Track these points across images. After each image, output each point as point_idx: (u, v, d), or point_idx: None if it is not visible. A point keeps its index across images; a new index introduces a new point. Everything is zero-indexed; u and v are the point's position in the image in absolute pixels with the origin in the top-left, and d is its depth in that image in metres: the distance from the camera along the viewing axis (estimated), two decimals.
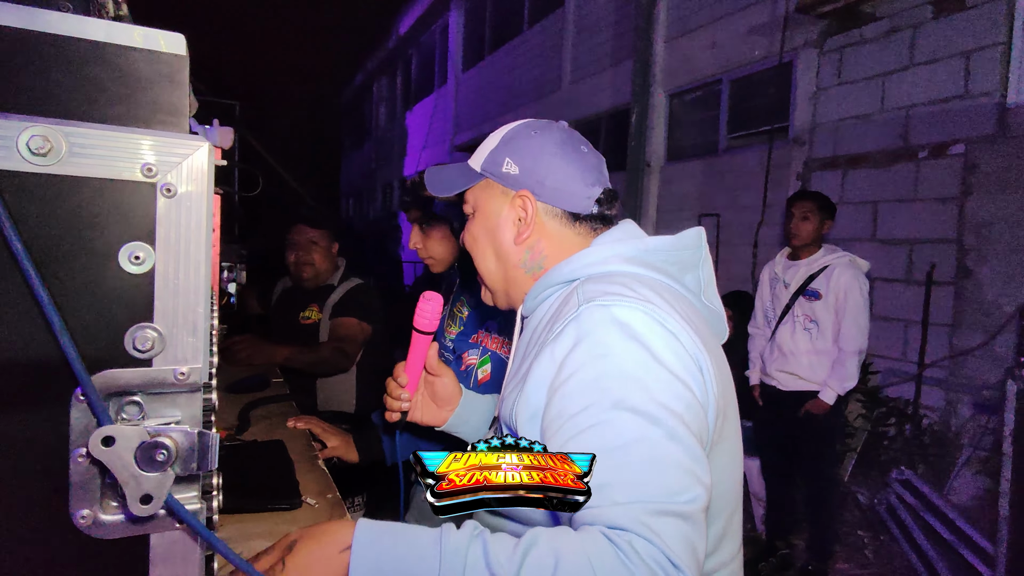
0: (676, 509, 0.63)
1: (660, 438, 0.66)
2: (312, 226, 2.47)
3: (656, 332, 0.74)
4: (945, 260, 3.68)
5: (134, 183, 0.49)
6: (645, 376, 0.70)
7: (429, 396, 1.09)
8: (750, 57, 5.10)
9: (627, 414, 0.67)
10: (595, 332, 0.74)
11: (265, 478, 1.15)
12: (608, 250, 0.88)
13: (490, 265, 0.98)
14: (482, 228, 0.97)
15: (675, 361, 0.73)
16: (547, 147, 0.94)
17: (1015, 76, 3.45)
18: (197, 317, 0.51)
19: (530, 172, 0.93)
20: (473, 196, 0.99)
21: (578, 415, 0.69)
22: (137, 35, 0.51)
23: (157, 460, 0.49)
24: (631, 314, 0.75)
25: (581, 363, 0.73)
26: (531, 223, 0.93)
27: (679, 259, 0.91)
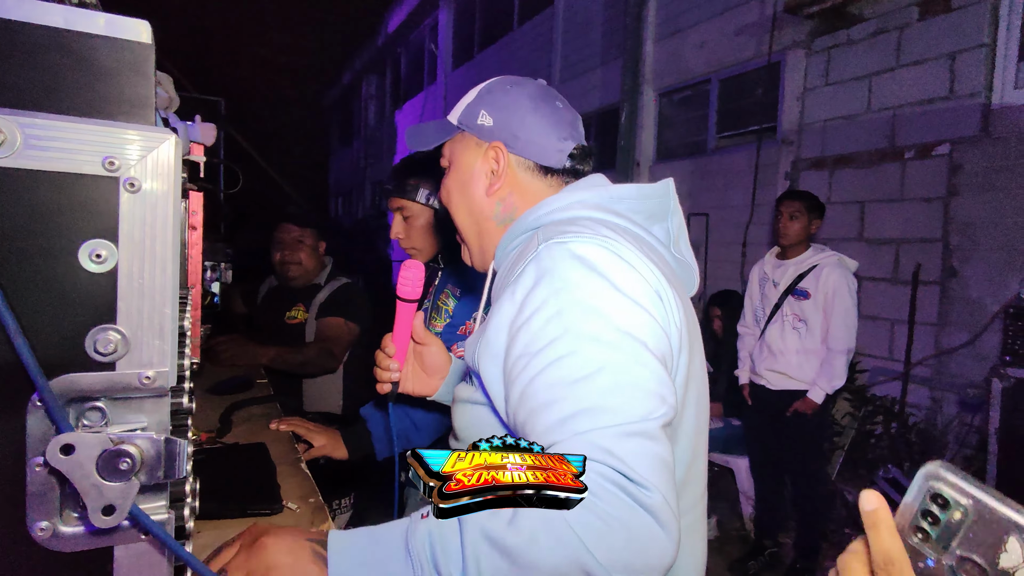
0: (639, 429, 0.63)
1: (623, 363, 0.67)
2: (299, 225, 2.44)
3: (614, 263, 0.75)
4: (931, 260, 3.70)
5: (95, 177, 0.46)
6: (605, 305, 0.71)
7: (418, 366, 1.10)
8: (739, 57, 5.11)
9: (589, 344, 0.68)
10: (554, 268, 0.74)
11: (245, 482, 1.12)
12: (572, 196, 0.89)
13: (464, 219, 0.98)
14: (456, 181, 0.98)
15: (634, 288, 0.74)
16: (521, 100, 0.95)
17: (999, 77, 3.47)
18: (164, 319, 0.49)
19: (504, 124, 0.94)
20: (449, 149, 1.00)
21: (542, 350, 0.70)
22: (99, 22, 0.49)
23: (120, 469, 0.46)
24: (588, 248, 0.75)
25: (542, 299, 0.73)
26: (502, 175, 0.94)
27: (646, 208, 0.91)
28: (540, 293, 0.73)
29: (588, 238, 0.76)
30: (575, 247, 0.75)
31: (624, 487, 0.60)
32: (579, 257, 0.74)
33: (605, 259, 0.75)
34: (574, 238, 0.77)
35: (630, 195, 0.90)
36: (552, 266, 0.74)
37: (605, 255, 0.75)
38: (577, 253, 0.75)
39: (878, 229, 4.02)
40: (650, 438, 0.63)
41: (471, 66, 10.30)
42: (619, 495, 0.59)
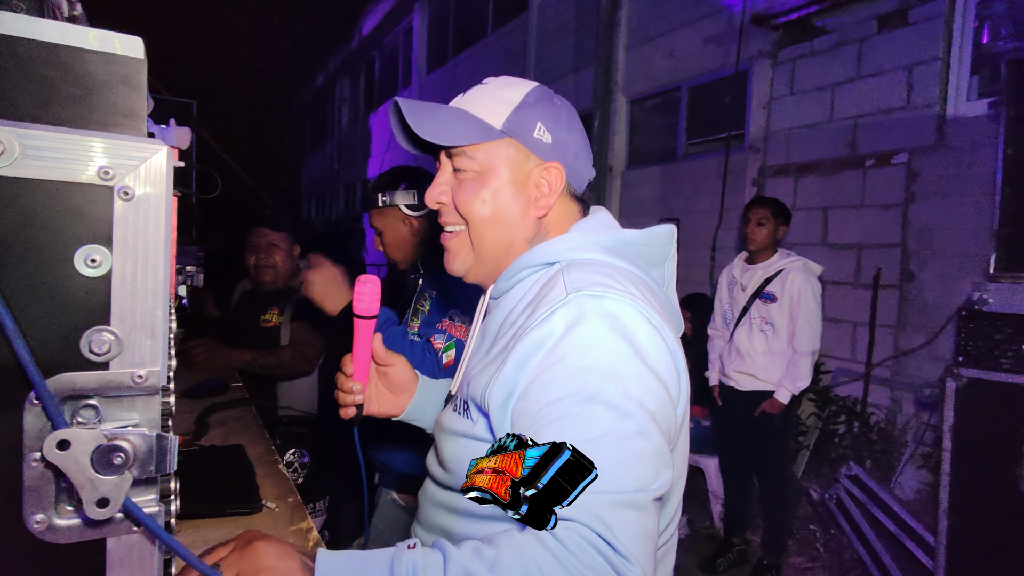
0: (632, 500, 0.66)
1: (629, 433, 0.68)
2: (273, 228, 2.44)
3: (642, 328, 0.75)
4: (890, 264, 3.85)
5: (90, 186, 0.49)
6: (625, 371, 0.72)
7: (384, 386, 1.06)
8: (707, 66, 5.23)
9: (601, 408, 0.69)
10: (585, 322, 0.74)
11: (224, 483, 1.13)
12: (587, 237, 0.88)
13: (495, 234, 0.91)
14: (495, 193, 0.89)
15: (656, 358, 0.75)
16: (574, 122, 0.93)
17: (952, 89, 3.64)
18: (155, 320, 0.51)
19: (562, 144, 0.91)
20: (486, 155, 0.90)
21: (554, 403, 0.71)
22: (93, 37, 0.51)
23: (114, 463, 0.49)
24: (621, 308, 0.75)
25: (566, 352, 0.73)
26: (553, 196, 0.90)
27: (649, 254, 0.92)
28: (566, 344, 0.74)
29: (620, 295, 0.77)
30: (607, 304, 0.75)
31: (607, 555, 0.62)
32: (611, 316, 0.75)
33: (635, 322, 0.75)
34: (608, 293, 0.76)
35: (640, 241, 0.91)
36: (582, 319, 0.74)
37: (635, 317, 0.75)
38: (610, 311, 0.75)
39: (840, 234, 4.16)
40: (641, 510, 0.66)
41: (445, 70, 10.33)
42: (600, 561, 0.62)
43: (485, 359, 0.87)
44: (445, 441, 0.90)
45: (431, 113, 0.90)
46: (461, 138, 0.88)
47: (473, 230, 0.92)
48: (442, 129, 0.88)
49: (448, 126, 0.88)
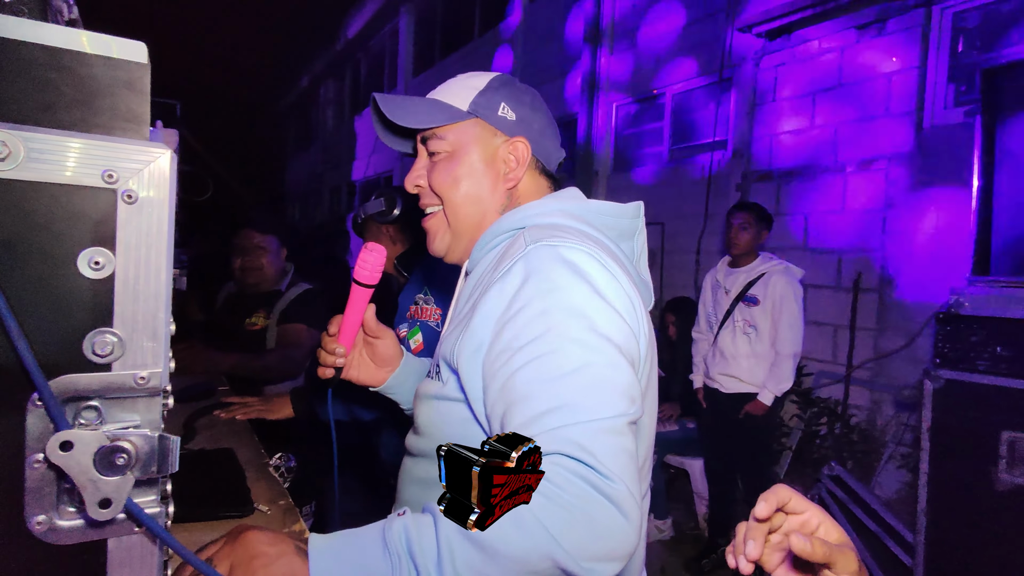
0: (610, 426, 0.68)
1: (600, 365, 0.72)
2: (260, 231, 2.43)
3: (598, 270, 0.80)
4: (870, 268, 3.92)
5: (94, 189, 0.49)
6: (587, 309, 0.76)
7: (369, 356, 1.07)
8: (692, 73, 5.30)
9: (570, 344, 0.72)
10: (543, 269, 0.78)
11: (215, 486, 1.13)
12: (554, 204, 0.93)
13: (469, 209, 0.96)
14: (467, 169, 0.95)
15: (613, 295, 0.79)
16: (537, 103, 1.00)
17: (930, 97, 3.72)
18: (158, 322, 0.52)
19: (527, 121, 0.97)
20: (456, 134, 0.96)
21: (525, 347, 0.73)
22: (96, 41, 0.51)
23: (117, 464, 0.49)
24: (576, 254, 0.80)
25: (529, 298, 0.77)
26: (520, 169, 0.96)
27: (618, 225, 0.96)
28: (528, 291, 0.77)
29: (576, 244, 0.81)
30: (564, 251, 0.80)
31: (590, 480, 0.64)
32: (567, 261, 0.79)
33: (591, 266, 0.79)
34: (562, 243, 0.81)
35: (607, 212, 0.95)
36: (540, 266, 0.79)
37: (591, 262, 0.80)
38: (566, 257, 0.79)
39: (822, 239, 4.23)
40: (619, 434, 0.69)
41: (431, 73, 10.32)
42: (585, 487, 0.64)
43: (458, 318, 0.91)
44: (420, 407, 0.93)
45: (404, 103, 0.97)
46: (430, 120, 0.95)
47: (448, 207, 0.97)
48: (413, 115, 0.95)
49: (418, 112, 0.96)
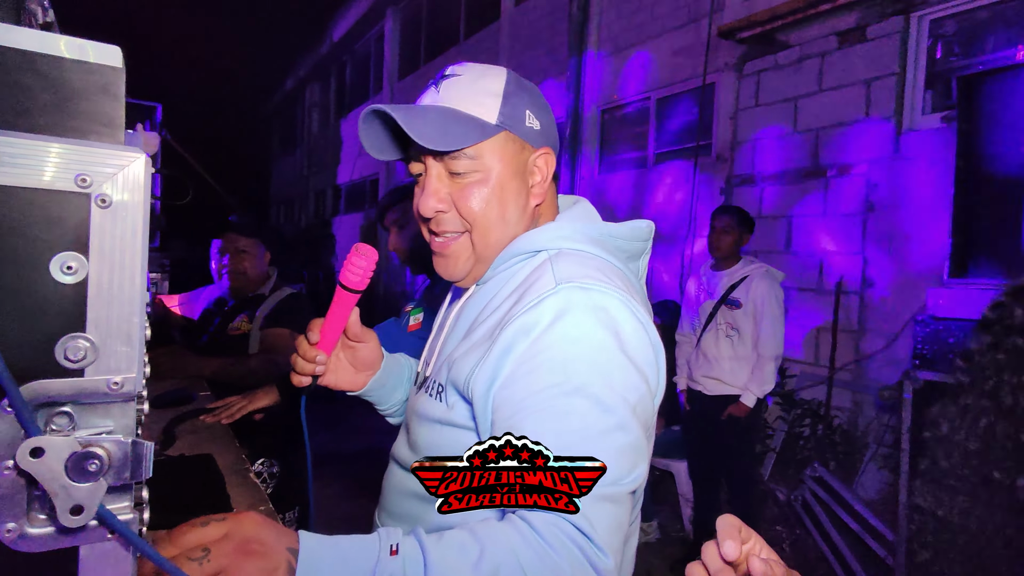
0: (610, 493, 0.68)
1: (609, 427, 0.70)
2: (243, 234, 2.41)
3: (629, 322, 0.77)
4: (851, 271, 3.98)
5: (67, 193, 0.49)
6: (609, 365, 0.73)
7: (348, 360, 0.99)
8: (676, 77, 5.35)
9: (584, 400, 0.70)
10: (573, 313, 0.75)
11: (193, 493, 1.12)
12: (575, 227, 0.89)
13: (499, 233, 0.88)
14: (500, 192, 0.87)
15: (639, 353, 0.77)
16: (544, 102, 0.93)
17: (908, 103, 3.79)
18: (132, 327, 0.52)
19: (548, 127, 0.90)
20: (489, 153, 0.86)
21: (538, 393, 0.71)
22: (71, 46, 0.51)
23: (89, 470, 0.49)
24: (609, 301, 0.77)
25: (553, 342, 0.74)
26: (546, 183, 0.90)
27: (630, 248, 0.93)
28: (554, 335, 0.75)
29: (609, 290, 0.78)
30: (596, 297, 0.77)
31: (583, 548, 0.64)
32: (600, 308, 0.76)
33: (621, 315, 0.77)
34: (595, 286, 0.77)
35: (623, 235, 0.92)
36: (571, 310, 0.75)
37: (622, 312, 0.77)
38: (598, 304, 0.76)
39: (804, 242, 4.29)
40: (616, 503, 0.68)
41: (417, 76, 10.32)
42: (577, 555, 0.64)
43: (466, 344, 0.85)
44: (419, 427, 0.88)
45: (425, 117, 0.84)
46: (463, 140, 0.84)
47: (478, 232, 0.88)
48: (443, 134, 0.83)
49: (447, 129, 0.84)
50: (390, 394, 1.07)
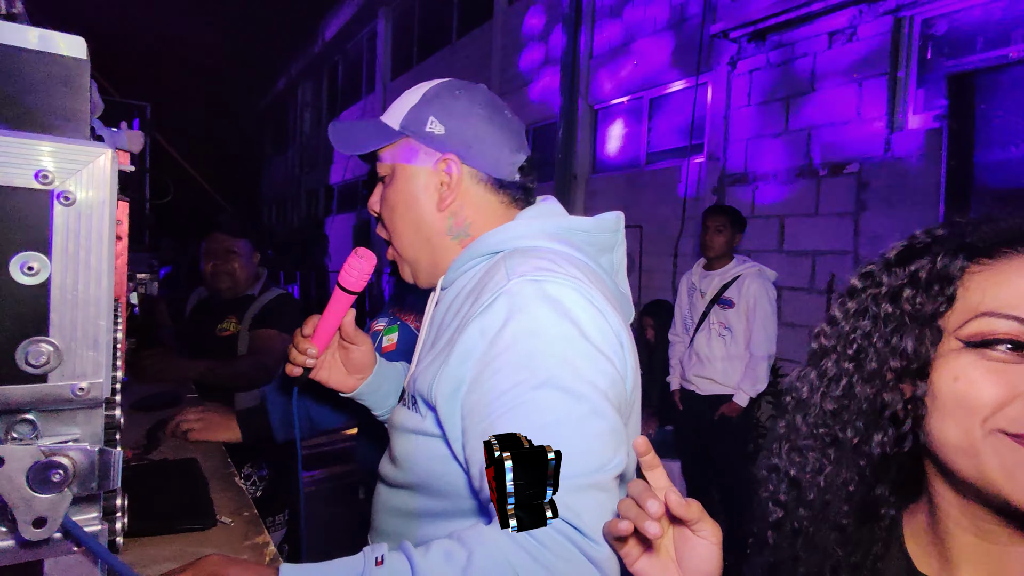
0: (595, 481, 0.67)
1: (584, 415, 0.69)
2: (231, 234, 2.38)
3: (584, 308, 0.76)
4: (843, 270, 3.98)
5: (26, 190, 0.47)
6: (573, 354, 0.72)
7: (342, 361, 1.03)
8: (669, 77, 5.35)
9: (555, 392, 0.69)
10: (526, 307, 0.74)
11: (175, 498, 1.09)
12: (534, 225, 0.88)
13: (412, 235, 0.92)
14: (402, 193, 0.91)
15: (600, 338, 0.75)
16: (474, 108, 0.91)
17: (900, 102, 3.79)
18: (98, 330, 0.49)
19: (456, 133, 0.90)
20: (391, 156, 0.92)
21: (509, 391, 0.70)
22: (30, 36, 0.49)
23: (52, 480, 0.46)
24: (562, 290, 0.75)
25: (513, 338, 0.73)
26: (455, 187, 0.90)
27: (598, 240, 0.92)
28: (510, 331, 0.73)
29: (561, 278, 0.76)
30: (549, 288, 0.75)
31: (574, 540, 0.63)
32: (552, 299, 0.74)
33: (577, 303, 0.75)
34: (547, 277, 0.76)
35: (587, 228, 0.91)
36: (524, 304, 0.74)
37: (577, 298, 0.75)
38: (551, 294, 0.74)
39: (796, 241, 4.29)
40: (603, 490, 0.67)
41: (410, 76, 10.28)
42: (569, 547, 0.62)
43: (432, 352, 0.86)
44: (398, 438, 0.89)
45: (351, 128, 0.96)
46: (363, 145, 0.92)
47: (394, 236, 0.94)
48: (350, 138, 0.94)
49: (356, 137, 0.94)
50: (384, 399, 1.07)
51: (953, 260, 0.57)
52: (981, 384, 0.51)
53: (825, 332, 0.67)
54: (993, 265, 0.54)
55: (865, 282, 0.63)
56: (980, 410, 0.51)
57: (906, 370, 0.57)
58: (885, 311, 0.60)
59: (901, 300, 0.59)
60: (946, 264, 0.57)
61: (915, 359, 0.57)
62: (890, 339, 0.59)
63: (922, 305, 0.57)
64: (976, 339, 0.52)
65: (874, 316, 0.61)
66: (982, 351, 0.52)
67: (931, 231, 0.63)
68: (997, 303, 0.52)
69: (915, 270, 0.60)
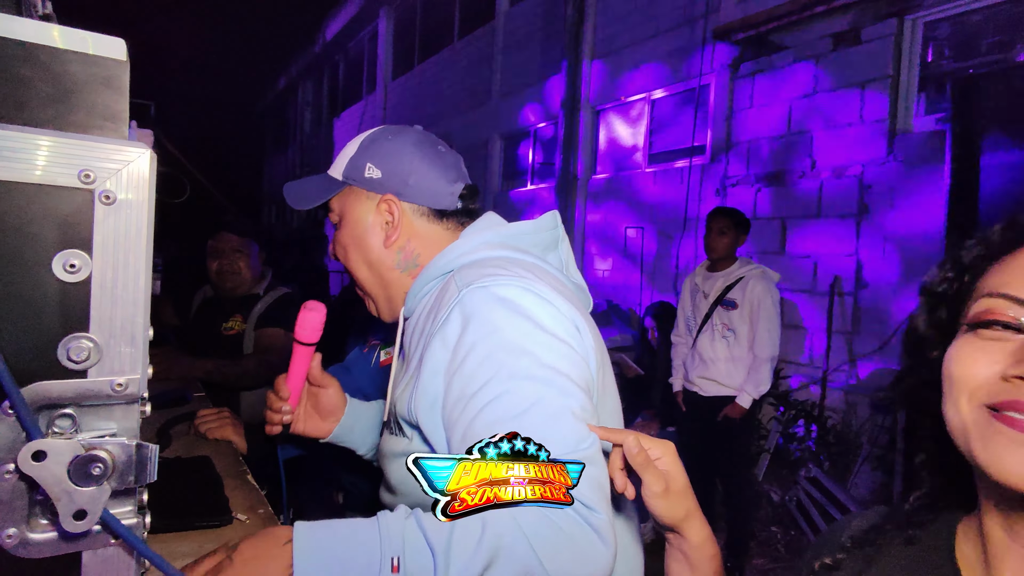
0: (580, 456, 0.69)
1: (554, 396, 0.73)
2: (239, 234, 2.39)
3: (534, 301, 0.80)
4: (845, 272, 3.99)
5: (70, 189, 0.47)
6: (531, 344, 0.76)
7: (312, 407, 1.09)
8: (671, 78, 5.36)
9: (523, 381, 0.73)
10: (479, 312, 0.79)
11: (191, 495, 1.10)
12: (476, 239, 0.94)
13: (365, 273, 0.99)
14: (350, 236, 0.98)
15: (554, 324, 0.79)
16: (406, 148, 0.98)
17: (902, 106, 3.81)
18: (136, 327, 0.50)
19: (393, 174, 0.96)
20: (338, 205, 1.00)
21: (479, 392, 0.74)
22: (72, 37, 0.50)
23: (92, 474, 0.47)
24: (509, 290, 0.80)
25: (472, 343, 0.77)
26: (398, 225, 0.96)
27: (540, 240, 0.98)
28: (469, 337, 0.78)
29: (507, 279, 0.81)
30: (497, 290, 0.80)
31: (575, 508, 0.66)
32: (502, 299, 0.79)
33: (526, 299, 0.80)
34: (493, 281, 0.81)
35: (526, 231, 0.96)
36: (477, 310, 0.79)
37: (525, 295, 0.80)
38: (500, 295, 0.79)
39: (798, 244, 4.30)
40: (590, 463, 0.69)
41: (411, 76, 10.29)
42: (572, 514, 0.66)
43: (405, 377, 0.91)
44: (389, 465, 0.93)
45: (300, 185, 1.04)
46: (312, 200, 1.00)
47: (353, 276, 1.01)
48: (301, 195, 1.02)
49: (307, 192, 1.02)
50: (362, 438, 1.13)
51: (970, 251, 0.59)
52: (967, 361, 0.53)
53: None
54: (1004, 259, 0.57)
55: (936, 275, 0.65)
56: (967, 385, 0.53)
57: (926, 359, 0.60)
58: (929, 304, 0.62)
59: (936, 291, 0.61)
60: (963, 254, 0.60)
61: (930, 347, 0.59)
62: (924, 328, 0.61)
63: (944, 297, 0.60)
64: (974, 320, 0.55)
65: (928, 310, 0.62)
66: (978, 331, 0.54)
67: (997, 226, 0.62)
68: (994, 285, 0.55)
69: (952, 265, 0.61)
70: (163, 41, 14.24)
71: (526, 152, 7.47)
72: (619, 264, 5.89)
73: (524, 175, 7.52)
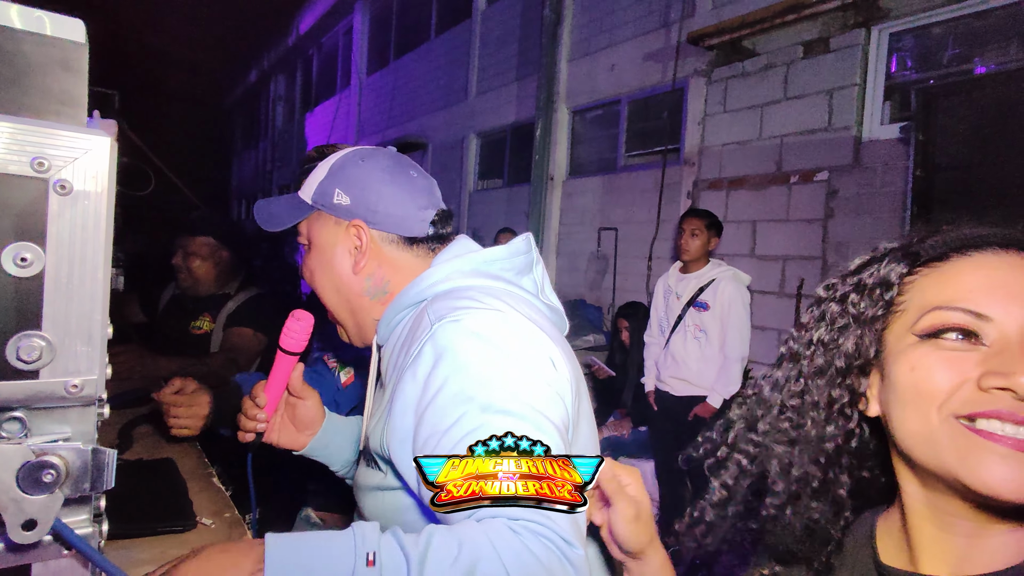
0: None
1: (529, 431, 0.70)
2: (193, 233, 2.31)
3: (507, 334, 0.79)
4: (812, 275, 4.08)
5: (22, 178, 0.45)
6: (505, 379, 0.74)
7: (289, 418, 1.06)
8: (646, 81, 5.40)
9: (497, 416, 0.71)
10: (451, 346, 0.77)
11: (153, 499, 1.06)
12: (449, 267, 0.92)
13: (333, 297, 0.98)
14: (318, 261, 0.97)
15: (528, 360, 0.78)
16: (375, 174, 0.95)
17: (868, 113, 3.90)
18: (93, 325, 0.48)
19: (361, 201, 0.94)
20: (306, 229, 0.99)
21: (452, 428, 0.71)
22: (27, 17, 0.47)
23: (44, 481, 0.44)
24: (479, 323, 0.78)
25: (444, 378, 0.75)
26: (366, 252, 0.94)
27: (514, 265, 0.96)
28: (441, 372, 0.75)
29: (479, 311, 0.80)
30: (469, 324, 0.78)
31: (554, 541, 0.65)
32: (475, 334, 0.77)
33: (499, 331, 0.78)
34: (466, 314, 0.79)
35: (499, 256, 0.94)
36: (449, 345, 0.77)
37: (499, 327, 0.79)
38: (472, 330, 0.77)
39: (767, 246, 4.38)
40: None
41: (386, 73, 10.19)
42: (551, 547, 0.64)
43: (379, 410, 0.89)
44: (364, 497, 0.91)
45: (271, 204, 1.02)
46: (281, 222, 0.99)
47: (322, 300, 1.00)
48: (271, 216, 1.00)
49: (276, 214, 1.00)
50: (337, 454, 1.10)
51: (895, 267, 0.62)
52: (934, 371, 0.55)
53: (792, 336, 0.72)
54: (942, 267, 0.59)
55: (827, 291, 0.69)
56: (935, 396, 0.54)
57: (848, 368, 0.62)
58: (834, 314, 0.65)
59: (847, 304, 0.64)
60: (888, 271, 0.62)
61: (856, 358, 0.62)
62: (837, 339, 0.64)
63: (864, 308, 0.62)
64: (929, 331, 0.56)
65: (829, 320, 0.66)
66: (935, 341, 0.56)
67: (888, 243, 0.67)
68: (945, 297, 0.56)
69: (862, 277, 0.65)
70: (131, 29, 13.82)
71: (502, 151, 7.46)
72: (592, 264, 5.92)
73: (500, 174, 7.51)
